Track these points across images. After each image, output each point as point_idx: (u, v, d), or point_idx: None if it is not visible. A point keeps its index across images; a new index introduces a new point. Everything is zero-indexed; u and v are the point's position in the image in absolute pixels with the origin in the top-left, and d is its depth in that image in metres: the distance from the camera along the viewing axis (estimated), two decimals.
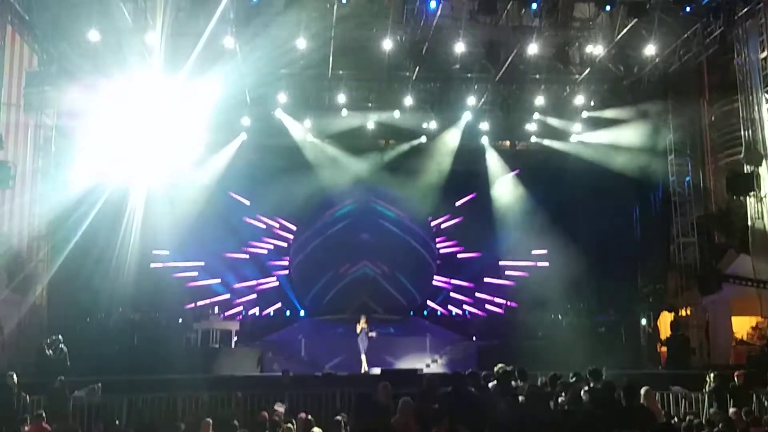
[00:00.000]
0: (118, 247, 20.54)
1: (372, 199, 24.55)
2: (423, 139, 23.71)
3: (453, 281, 24.98)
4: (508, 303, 24.29)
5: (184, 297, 22.32)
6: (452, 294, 24.96)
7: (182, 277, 22.72)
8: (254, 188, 23.53)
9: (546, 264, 24.20)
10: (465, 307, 24.82)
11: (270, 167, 23.05)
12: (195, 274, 23.06)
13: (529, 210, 23.23)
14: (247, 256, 24.09)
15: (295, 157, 23.22)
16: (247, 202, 23.83)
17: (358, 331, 19.24)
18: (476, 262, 24.81)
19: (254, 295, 23.79)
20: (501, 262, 24.53)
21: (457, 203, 24.78)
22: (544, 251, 24.06)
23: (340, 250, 24.16)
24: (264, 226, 24.43)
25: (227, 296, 23.26)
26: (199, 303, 22.34)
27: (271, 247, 24.54)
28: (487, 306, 24.59)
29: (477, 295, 24.69)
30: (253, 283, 23.89)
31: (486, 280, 24.66)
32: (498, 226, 23.74)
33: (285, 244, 24.78)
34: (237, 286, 23.51)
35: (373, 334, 19.39)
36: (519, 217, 23.34)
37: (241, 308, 23.49)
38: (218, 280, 23.31)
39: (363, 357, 18.99)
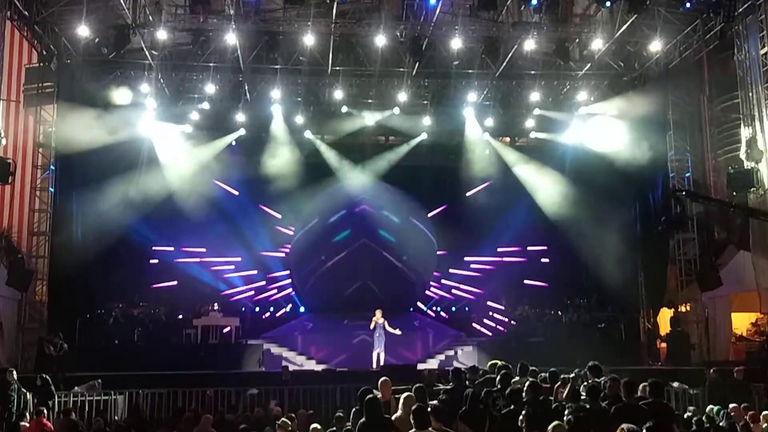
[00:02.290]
0: (119, 243, 20.61)
1: (371, 195, 24.41)
2: (424, 135, 23.68)
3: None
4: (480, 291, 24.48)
5: (187, 293, 22.41)
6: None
7: (220, 270, 23.62)
8: (251, 184, 23.51)
9: (546, 260, 24.24)
10: (435, 290, 25.08)
11: (268, 164, 23.02)
12: (232, 267, 23.77)
13: (528, 206, 23.20)
14: (283, 255, 24.67)
15: (293, 155, 23.20)
16: (279, 215, 24.20)
17: (372, 326, 18.55)
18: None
19: (289, 279, 24.66)
20: (466, 258, 24.65)
21: (430, 215, 24.79)
22: (544, 247, 24.09)
23: (340, 246, 24.10)
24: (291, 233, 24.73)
25: (263, 282, 24.10)
26: (234, 290, 23.42)
27: None
28: (454, 291, 24.87)
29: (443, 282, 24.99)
30: (287, 272, 24.67)
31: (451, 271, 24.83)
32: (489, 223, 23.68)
33: None
34: (272, 275, 24.35)
35: (398, 331, 18.71)
36: (518, 212, 23.31)
37: (275, 291, 24.38)
38: (255, 272, 24.02)
39: (376, 353, 18.43)
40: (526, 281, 23.85)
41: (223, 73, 20.38)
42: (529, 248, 24.30)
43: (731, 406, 10.47)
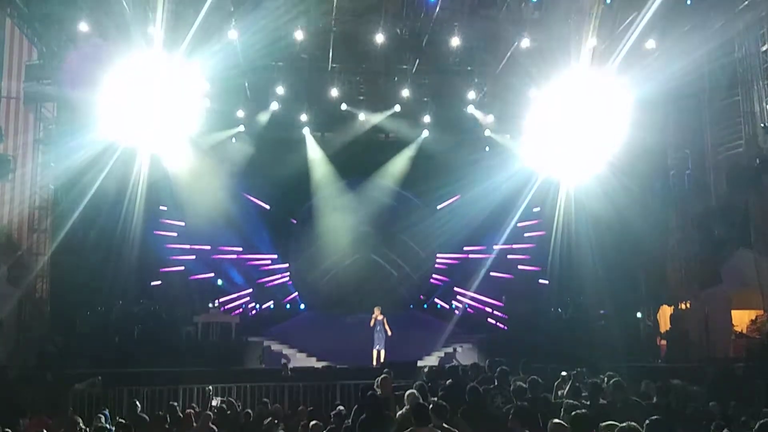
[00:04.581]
0: (119, 240, 20.59)
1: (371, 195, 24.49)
2: (426, 133, 23.65)
3: None
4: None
5: (188, 292, 22.44)
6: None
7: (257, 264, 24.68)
8: (255, 181, 23.50)
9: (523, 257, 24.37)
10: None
11: (268, 161, 23.02)
12: (269, 262, 24.74)
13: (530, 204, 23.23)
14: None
15: (293, 152, 23.22)
16: (294, 221, 24.68)
17: (372, 323, 18.76)
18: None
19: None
20: (438, 255, 25.32)
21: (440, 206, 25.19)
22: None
23: (339, 244, 24.19)
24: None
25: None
26: (267, 279, 24.67)
27: None
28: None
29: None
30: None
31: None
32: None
33: None
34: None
35: (389, 331, 18.89)
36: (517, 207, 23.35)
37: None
38: (287, 265, 24.97)
39: (376, 351, 18.59)
40: (491, 273, 24.12)
41: (224, 68, 20.33)
42: (527, 245, 24.36)
43: (731, 403, 10.49)
